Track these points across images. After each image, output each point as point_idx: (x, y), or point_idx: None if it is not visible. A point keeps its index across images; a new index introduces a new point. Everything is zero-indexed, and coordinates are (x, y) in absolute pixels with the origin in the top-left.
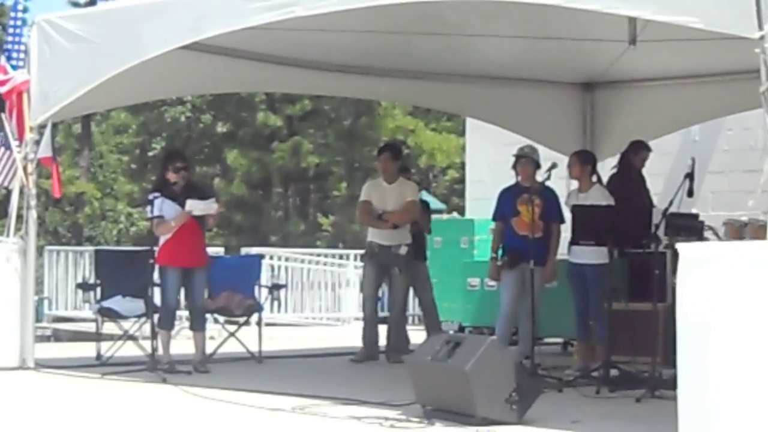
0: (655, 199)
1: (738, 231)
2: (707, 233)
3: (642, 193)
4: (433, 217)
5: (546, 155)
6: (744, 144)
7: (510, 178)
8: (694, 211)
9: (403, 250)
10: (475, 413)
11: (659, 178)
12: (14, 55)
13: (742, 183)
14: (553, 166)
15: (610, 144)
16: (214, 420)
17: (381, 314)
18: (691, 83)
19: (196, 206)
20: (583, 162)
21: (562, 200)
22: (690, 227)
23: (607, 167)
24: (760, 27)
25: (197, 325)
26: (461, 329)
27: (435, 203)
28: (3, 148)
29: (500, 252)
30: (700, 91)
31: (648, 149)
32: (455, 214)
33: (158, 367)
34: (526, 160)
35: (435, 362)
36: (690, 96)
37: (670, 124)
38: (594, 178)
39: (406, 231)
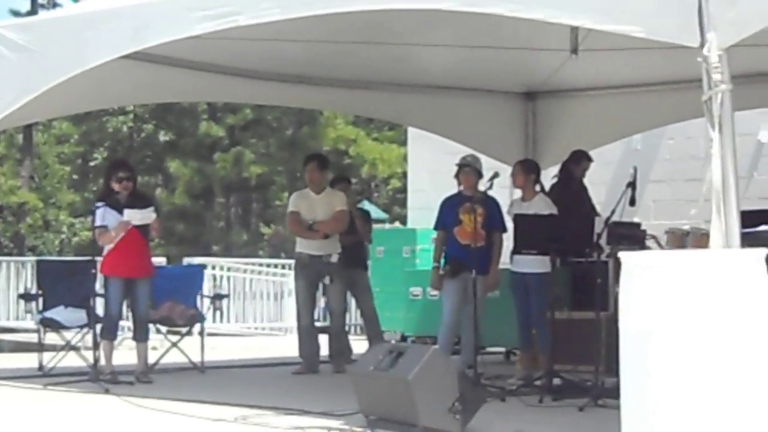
0: (597, 208)
1: (680, 240)
2: (649, 242)
3: (584, 202)
4: (375, 226)
5: (488, 164)
6: (685, 153)
7: (452, 188)
8: (636, 220)
9: (334, 258)
10: (417, 423)
11: (601, 187)
12: None
13: (684, 192)
14: (495, 175)
15: (551, 153)
16: (156, 431)
17: (321, 324)
18: (633, 92)
19: (134, 216)
20: (527, 171)
21: (504, 209)
22: (632, 236)
23: (548, 176)
24: (702, 36)
25: (140, 336)
26: (404, 339)
27: (377, 213)
28: None
29: (442, 261)
30: (642, 100)
31: (589, 159)
32: (397, 224)
33: (101, 378)
34: (468, 170)
35: (377, 372)
36: (632, 105)
37: (611, 133)
38: (537, 188)
39: (336, 240)
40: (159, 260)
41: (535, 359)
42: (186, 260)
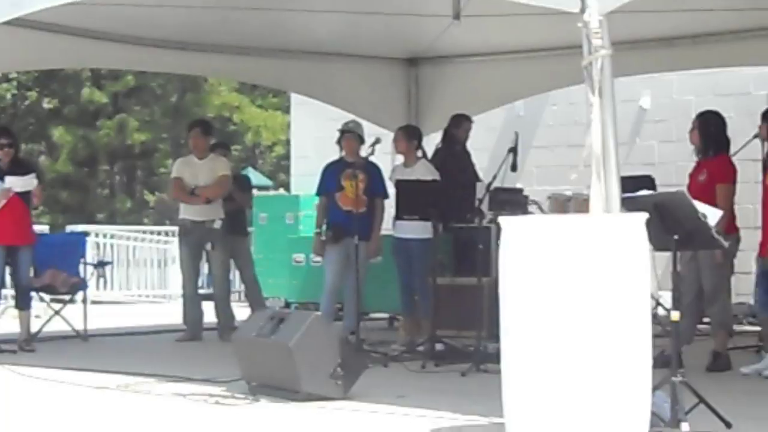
0: (480, 174)
1: (562, 205)
2: (531, 207)
3: (467, 168)
4: (259, 193)
5: (370, 130)
6: (568, 119)
7: (335, 154)
8: (519, 185)
9: (217, 224)
10: (299, 389)
11: (484, 153)
12: None
13: (566, 158)
14: (377, 141)
15: (434, 119)
16: (39, 399)
17: (206, 291)
18: (516, 58)
19: (15, 183)
20: (409, 137)
21: (386, 175)
22: (514, 201)
23: (431, 143)
24: (583, 1)
25: (22, 304)
26: (287, 305)
27: (261, 180)
28: None
29: (325, 227)
30: (525, 66)
31: (469, 120)
32: (282, 191)
33: None
34: (350, 135)
35: (259, 338)
36: (514, 71)
37: (494, 99)
38: (419, 153)
39: (219, 206)
40: (41, 228)
41: (417, 325)
42: (69, 228)
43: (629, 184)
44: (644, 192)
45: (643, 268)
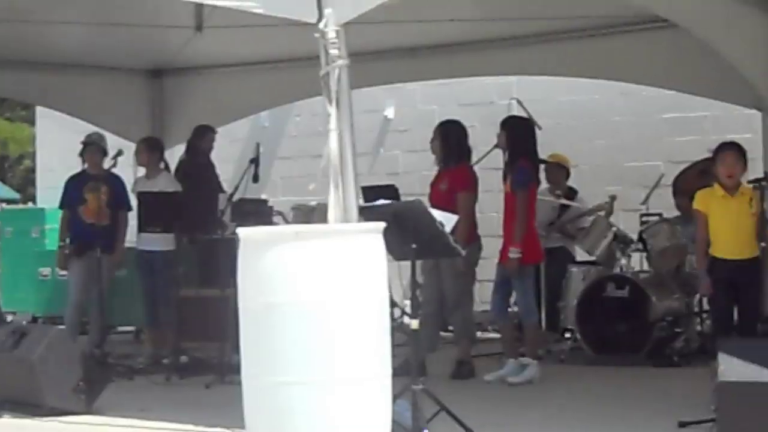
0: (225, 185)
1: (306, 215)
2: (276, 218)
3: (210, 179)
4: (7, 207)
5: (114, 143)
6: (312, 129)
7: (80, 167)
8: (263, 196)
9: None
10: (42, 403)
11: (229, 164)
12: None
13: (310, 168)
14: (119, 153)
15: (179, 131)
16: None
17: None
18: (259, 69)
19: None
20: (151, 149)
21: (129, 187)
22: (258, 212)
23: (176, 154)
24: (320, 12)
25: None
26: (34, 320)
27: (9, 193)
28: None
29: (68, 240)
30: (268, 77)
31: (213, 131)
32: (30, 204)
33: None
34: (92, 148)
35: (1, 353)
36: (258, 82)
37: (239, 110)
38: (162, 165)
39: None
40: None
41: (163, 337)
42: None
43: (373, 193)
44: (382, 201)
45: (380, 277)
